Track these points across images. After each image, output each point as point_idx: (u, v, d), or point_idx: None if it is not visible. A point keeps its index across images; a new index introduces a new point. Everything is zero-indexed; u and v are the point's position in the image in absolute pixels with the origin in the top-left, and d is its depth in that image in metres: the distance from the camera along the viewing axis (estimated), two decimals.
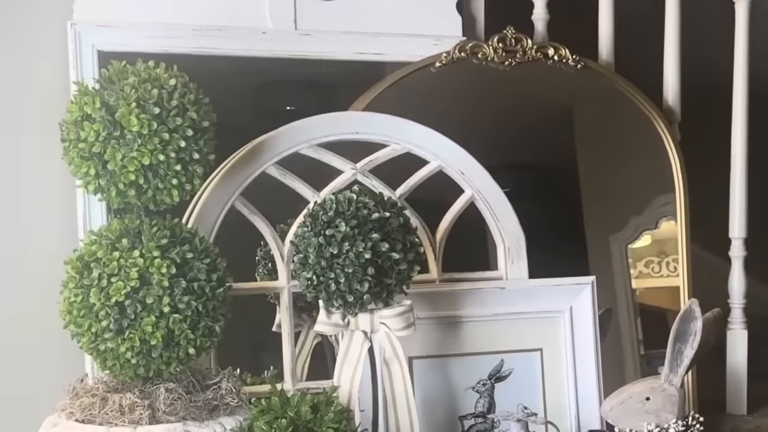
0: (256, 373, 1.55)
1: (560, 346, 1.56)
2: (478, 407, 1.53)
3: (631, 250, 1.99)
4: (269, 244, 1.46)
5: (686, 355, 1.46)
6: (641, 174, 1.93)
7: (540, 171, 2.00)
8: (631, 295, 2.00)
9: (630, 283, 1.99)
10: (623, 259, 2.01)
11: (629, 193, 1.97)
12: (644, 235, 2.02)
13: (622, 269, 2.01)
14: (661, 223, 1.97)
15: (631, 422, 1.47)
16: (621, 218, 1.99)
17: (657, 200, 1.93)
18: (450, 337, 1.51)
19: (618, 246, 2.02)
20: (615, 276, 2.00)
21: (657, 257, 1.99)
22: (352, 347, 1.34)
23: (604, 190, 2.01)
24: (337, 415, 1.23)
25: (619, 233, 2.01)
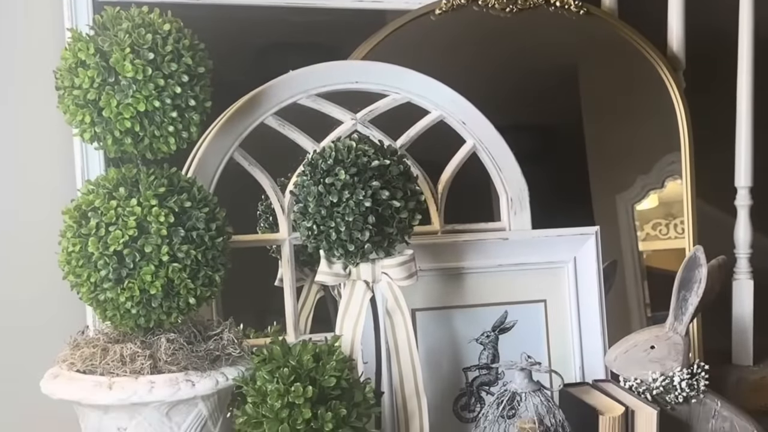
0: (259, 329, 1.55)
1: (564, 296, 1.55)
2: (482, 359, 1.53)
3: (639, 213, 1.98)
4: (269, 196, 1.45)
5: (691, 303, 1.44)
6: (647, 131, 1.91)
7: (542, 129, 1.99)
8: (638, 257, 1.99)
9: (637, 244, 1.98)
10: (630, 219, 2.00)
11: (635, 152, 1.95)
12: (651, 195, 2.01)
13: (628, 230, 2.00)
14: (667, 183, 1.96)
15: (635, 371, 1.46)
16: (627, 177, 1.98)
17: (664, 159, 1.91)
18: (453, 289, 1.50)
19: (624, 206, 2.01)
20: (621, 236, 1.98)
21: (664, 219, 1.97)
22: (353, 297, 1.33)
23: (610, 148, 1.99)
24: (339, 363, 1.23)
25: (626, 192, 1.99)
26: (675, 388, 1.44)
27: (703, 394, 1.45)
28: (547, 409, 1.35)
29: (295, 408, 1.19)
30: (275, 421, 1.19)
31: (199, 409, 1.22)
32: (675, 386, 1.44)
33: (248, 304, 1.61)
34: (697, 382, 1.44)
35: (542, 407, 1.35)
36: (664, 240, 1.99)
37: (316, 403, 1.20)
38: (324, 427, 1.20)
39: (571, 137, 2.02)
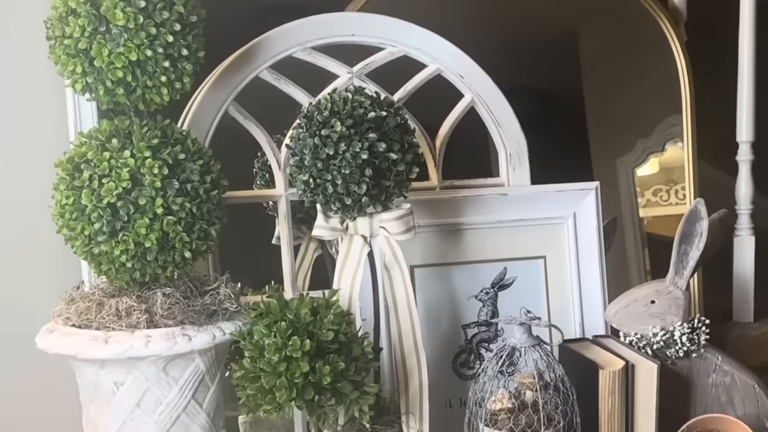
0: (257, 289, 1.54)
1: (564, 252, 1.54)
2: (481, 316, 1.52)
3: (639, 179, 1.97)
4: (265, 152, 1.43)
5: (692, 257, 1.43)
6: (648, 92, 1.90)
7: (541, 91, 1.97)
8: (638, 223, 1.98)
9: (637, 210, 1.97)
10: (630, 183, 1.99)
11: (636, 114, 1.94)
12: (651, 159, 1.99)
13: (629, 194, 1.98)
14: (668, 146, 1.94)
15: (635, 326, 1.45)
16: (628, 141, 1.96)
17: (665, 122, 1.90)
18: (452, 245, 1.49)
19: (625, 169, 2.00)
20: (622, 201, 1.97)
21: (665, 185, 1.96)
22: (351, 252, 1.32)
23: (610, 111, 1.98)
24: (336, 317, 1.22)
25: (626, 156, 1.98)
26: (675, 342, 1.43)
27: (703, 348, 1.44)
28: (546, 364, 1.34)
29: (293, 362, 1.18)
30: (273, 374, 1.18)
31: (196, 363, 1.22)
32: (675, 341, 1.43)
33: (246, 265, 1.59)
34: (698, 336, 1.44)
35: (542, 362, 1.34)
36: (665, 206, 1.98)
37: (314, 357, 1.19)
38: (322, 381, 1.19)
39: (570, 99, 2.01)
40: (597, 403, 1.34)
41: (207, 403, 1.24)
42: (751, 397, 1.43)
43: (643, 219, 1.98)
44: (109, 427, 1.21)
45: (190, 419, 1.23)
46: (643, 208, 1.98)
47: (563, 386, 1.33)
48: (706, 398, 1.44)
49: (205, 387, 1.24)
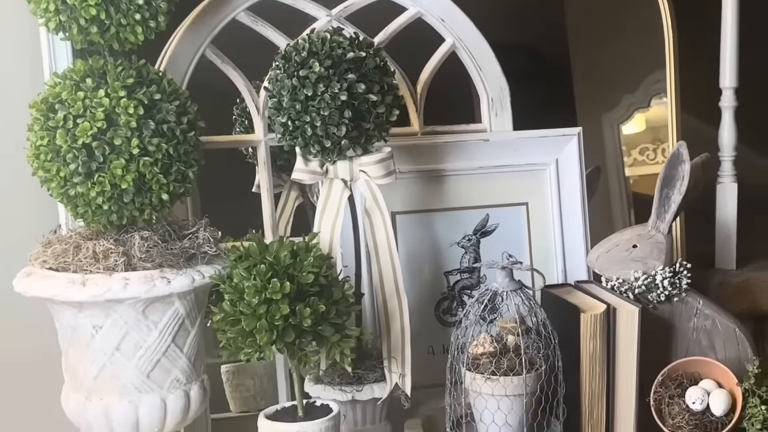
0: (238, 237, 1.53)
1: (546, 199, 1.53)
2: (463, 263, 1.52)
3: (626, 138, 1.96)
4: (243, 95, 1.41)
5: (673, 201, 1.43)
6: (634, 47, 1.88)
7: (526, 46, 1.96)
8: (624, 182, 1.97)
9: (623, 166, 1.96)
10: (616, 140, 1.98)
11: (622, 70, 1.92)
12: (636, 115, 1.99)
13: (614, 151, 1.98)
14: (653, 102, 1.93)
15: (617, 270, 1.45)
16: (613, 96, 1.95)
17: (650, 77, 1.88)
18: (433, 192, 1.48)
19: (610, 125, 1.99)
20: (607, 158, 1.97)
21: (652, 144, 1.95)
22: (331, 196, 1.31)
23: (596, 66, 1.96)
24: (317, 260, 1.21)
25: (611, 112, 1.97)
26: (657, 286, 1.43)
27: (685, 292, 1.44)
28: (528, 309, 1.34)
29: (273, 304, 1.17)
30: (253, 317, 1.18)
31: (175, 307, 1.21)
32: (657, 285, 1.43)
33: (226, 215, 1.58)
34: (679, 280, 1.44)
35: (524, 307, 1.34)
36: (652, 165, 1.97)
37: (294, 300, 1.19)
38: (302, 324, 1.19)
39: (556, 55, 2.00)
40: (579, 346, 1.34)
41: (187, 347, 1.24)
42: (731, 340, 1.44)
43: (629, 178, 1.98)
44: (88, 371, 1.20)
45: (171, 363, 1.22)
46: (629, 167, 1.98)
47: (545, 330, 1.33)
48: (688, 342, 1.44)
49: (186, 331, 1.23)
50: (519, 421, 1.32)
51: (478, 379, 1.32)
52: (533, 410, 1.32)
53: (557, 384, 1.34)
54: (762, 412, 1.33)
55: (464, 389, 1.34)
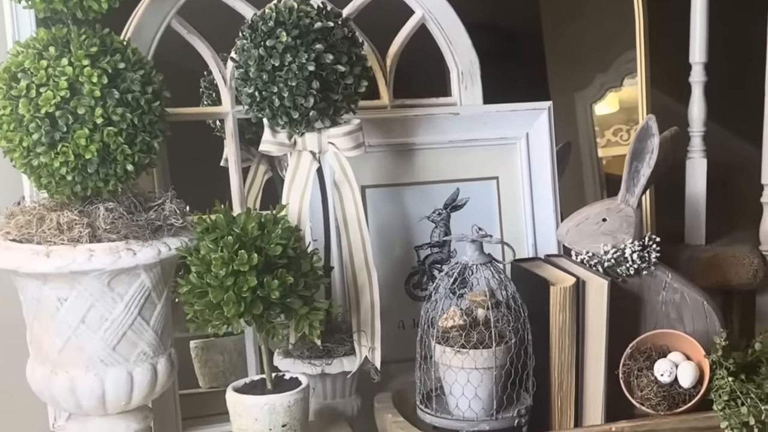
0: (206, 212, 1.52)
1: (517, 173, 1.53)
2: (433, 237, 1.51)
3: (599, 118, 1.96)
4: (210, 67, 1.40)
5: (643, 174, 1.43)
6: (606, 26, 1.88)
7: (499, 25, 1.95)
8: (597, 162, 1.97)
9: (596, 146, 1.96)
10: (588, 118, 1.98)
11: (594, 49, 1.92)
12: (609, 94, 1.98)
13: (587, 130, 1.98)
14: (626, 81, 1.93)
15: (587, 244, 1.45)
16: (586, 76, 1.95)
17: (623, 56, 1.88)
18: (403, 165, 1.48)
19: (583, 104, 1.99)
20: (580, 137, 1.97)
21: (625, 125, 1.95)
22: (300, 168, 1.30)
23: (569, 46, 1.96)
24: (285, 232, 1.20)
25: (584, 91, 1.97)
26: (626, 260, 1.43)
27: (654, 266, 1.44)
28: (498, 282, 1.34)
29: (241, 276, 1.17)
30: (220, 289, 1.17)
31: (141, 280, 1.20)
32: (626, 258, 1.43)
33: (195, 190, 1.57)
34: (649, 254, 1.44)
35: (493, 280, 1.33)
36: (625, 146, 1.96)
37: (262, 272, 1.18)
38: (271, 296, 1.18)
39: (528, 34, 1.99)
40: (548, 319, 1.34)
41: (154, 320, 1.23)
42: (700, 313, 1.44)
43: (602, 159, 1.98)
44: (53, 344, 1.19)
45: (137, 336, 1.21)
46: (603, 148, 1.98)
47: (515, 303, 1.33)
48: (656, 315, 1.44)
49: (152, 304, 1.22)
50: (489, 394, 1.32)
51: (448, 352, 1.31)
52: (503, 383, 1.32)
53: (527, 357, 1.34)
54: (729, 384, 1.34)
55: (434, 363, 1.33)
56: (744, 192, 1.83)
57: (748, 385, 1.34)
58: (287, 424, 1.23)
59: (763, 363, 1.40)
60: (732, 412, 1.32)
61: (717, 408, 1.34)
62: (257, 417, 1.22)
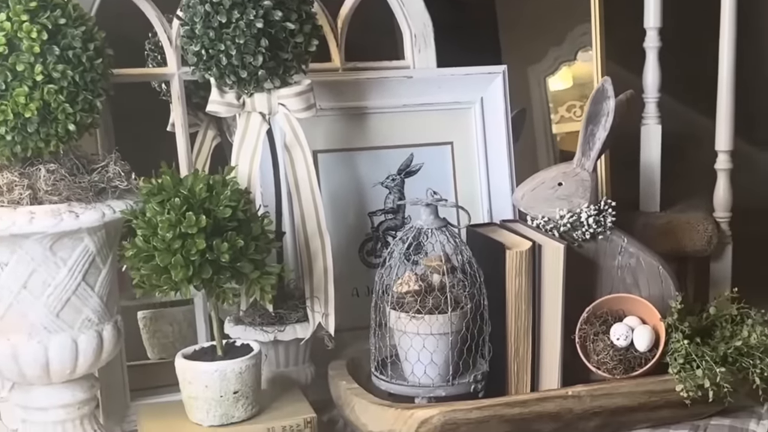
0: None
1: (471, 138, 1.52)
2: (387, 203, 1.49)
3: (553, 94, 1.95)
4: (155, 27, 1.36)
5: (598, 138, 1.42)
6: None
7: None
8: (551, 139, 1.96)
9: (550, 122, 1.95)
10: (542, 92, 1.96)
11: (547, 22, 1.91)
12: (563, 68, 1.97)
13: (541, 104, 1.96)
14: (579, 55, 1.92)
15: (543, 209, 1.43)
16: (539, 49, 1.93)
17: (576, 30, 1.87)
18: (356, 130, 1.45)
19: (537, 78, 1.97)
20: (534, 112, 1.95)
21: (579, 101, 1.94)
22: (249, 129, 1.27)
23: (521, 19, 1.94)
24: (234, 194, 1.17)
25: (538, 65, 1.95)
26: (582, 224, 1.42)
27: (609, 231, 1.43)
28: (453, 247, 1.32)
29: (188, 239, 1.13)
30: (167, 252, 1.13)
31: (85, 244, 1.16)
32: (582, 223, 1.42)
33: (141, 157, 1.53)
34: (604, 218, 1.43)
35: (449, 245, 1.32)
36: (578, 122, 1.96)
37: (211, 235, 1.15)
38: (220, 259, 1.15)
39: (481, 5, 1.97)
40: (504, 284, 1.33)
41: (99, 286, 1.19)
42: (655, 278, 1.43)
43: (556, 135, 1.97)
44: None
45: (82, 302, 1.18)
46: (557, 125, 1.96)
47: (470, 268, 1.31)
48: (612, 280, 1.44)
49: (97, 269, 1.18)
50: (444, 360, 1.30)
51: (403, 317, 1.30)
52: (459, 349, 1.30)
53: (483, 322, 1.32)
54: (684, 347, 1.34)
55: (389, 329, 1.31)
56: (699, 160, 1.83)
57: (703, 348, 1.34)
58: (239, 391, 1.20)
59: (717, 327, 1.41)
60: (687, 375, 1.32)
61: (672, 371, 1.33)
62: (207, 384, 1.19)
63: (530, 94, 1.96)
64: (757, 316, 1.39)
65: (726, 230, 1.73)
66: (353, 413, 1.30)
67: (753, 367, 1.34)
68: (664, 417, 1.35)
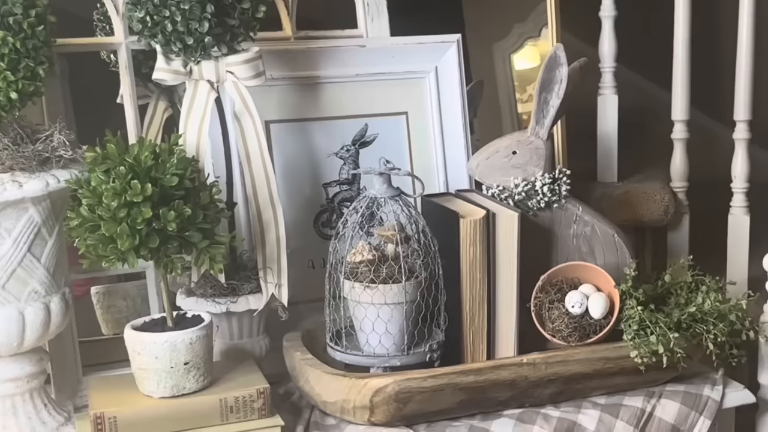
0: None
1: (426, 108, 1.51)
2: (342, 174, 1.48)
3: (519, 73, 1.94)
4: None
5: (552, 105, 1.41)
6: None
7: None
8: (517, 118, 1.95)
9: (515, 102, 1.94)
10: (507, 70, 1.95)
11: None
12: (527, 44, 1.96)
13: (506, 82, 1.95)
14: (543, 31, 1.91)
15: (497, 177, 1.43)
16: (504, 26, 1.92)
17: (540, 6, 1.86)
18: (309, 100, 1.44)
19: (501, 55, 1.96)
20: (499, 89, 1.94)
21: None
22: (197, 97, 1.25)
23: None
24: (181, 162, 1.16)
25: (502, 42, 1.94)
26: (537, 193, 1.41)
27: (564, 199, 1.43)
28: (408, 217, 1.31)
29: (134, 207, 1.12)
30: (113, 222, 1.12)
31: (30, 214, 1.14)
32: (537, 191, 1.41)
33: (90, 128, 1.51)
34: (559, 187, 1.42)
35: (403, 215, 1.31)
36: None
37: (158, 204, 1.13)
38: (167, 228, 1.13)
39: None
40: (459, 253, 1.32)
41: (45, 257, 1.17)
42: (610, 246, 1.43)
43: (522, 114, 1.96)
44: None
45: (28, 274, 1.16)
46: (523, 104, 1.95)
47: (425, 238, 1.31)
48: (568, 249, 1.44)
49: (42, 240, 1.17)
50: (399, 330, 1.29)
51: (357, 287, 1.29)
52: (414, 318, 1.30)
53: (438, 292, 1.32)
54: (638, 314, 1.34)
55: (344, 299, 1.31)
56: (660, 134, 1.83)
57: (657, 315, 1.34)
58: (189, 362, 1.19)
59: (672, 294, 1.41)
60: (641, 341, 1.32)
61: (627, 338, 1.33)
62: (157, 355, 1.18)
63: (495, 72, 1.95)
64: (711, 283, 1.39)
65: (683, 200, 1.73)
66: (308, 384, 1.29)
67: (707, 332, 1.34)
68: (619, 384, 1.36)
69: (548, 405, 1.33)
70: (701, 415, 1.36)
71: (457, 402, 1.28)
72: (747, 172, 1.68)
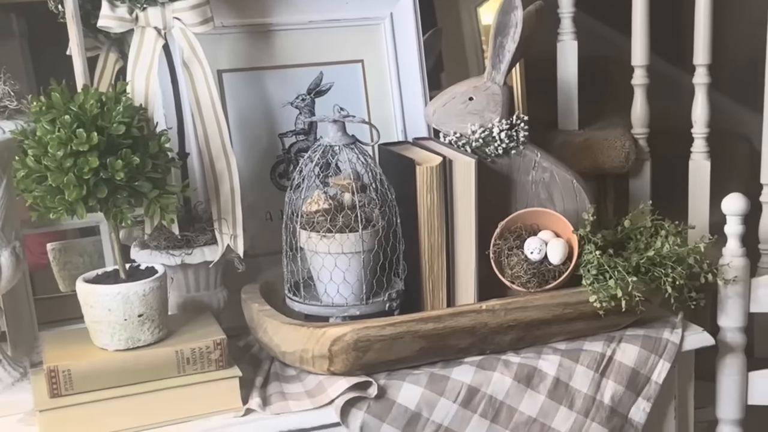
0: None
1: (382, 56, 1.48)
2: (298, 124, 1.46)
3: (485, 28, 1.90)
4: None
5: (508, 50, 1.39)
6: None
7: None
8: (484, 70, 1.93)
9: (482, 53, 1.91)
10: (473, 23, 1.93)
11: None
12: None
13: (473, 36, 1.93)
14: None
15: (455, 124, 1.41)
16: None
17: None
18: (262, 48, 1.41)
19: (467, 8, 1.94)
20: (466, 44, 1.92)
21: None
22: (144, 46, 1.22)
23: None
24: (127, 110, 1.13)
25: None
26: (494, 139, 1.40)
27: (522, 145, 1.42)
28: (364, 165, 1.30)
29: (81, 157, 1.09)
30: (59, 172, 1.10)
31: None
32: (494, 138, 1.40)
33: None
34: (517, 133, 1.41)
35: (359, 163, 1.29)
36: None
37: (105, 153, 1.11)
38: (115, 177, 1.11)
39: None
40: (416, 201, 1.31)
41: None
42: (569, 192, 1.43)
43: None
44: None
45: None
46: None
47: (381, 186, 1.29)
48: (527, 195, 1.43)
49: None
50: (357, 279, 1.28)
51: (314, 237, 1.27)
52: (372, 268, 1.29)
53: (396, 240, 1.31)
54: (597, 258, 1.33)
55: (301, 249, 1.29)
56: (617, 79, 1.82)
57: (615, 260, 1.33)
58: (144, 314, 1.17)
59: (632, 240, 1.41)
60: (600, 285, 1.32)
61: (586, 282, 1.33)
62: (110, 307, 1.16)
63: (462, 26, 1.92)
64: (670, 227, 1.39)
65: (644, 146, 1.73)
66: (266, 335, 1.28)
67: (665, 276, 1.34)
68: (579, 329, 1.36)
69: (509, 351, 1.33)
70: (661, 357, 1.36)
71: (416, 350, 1.28)
72: (707, 118, 1.67)
